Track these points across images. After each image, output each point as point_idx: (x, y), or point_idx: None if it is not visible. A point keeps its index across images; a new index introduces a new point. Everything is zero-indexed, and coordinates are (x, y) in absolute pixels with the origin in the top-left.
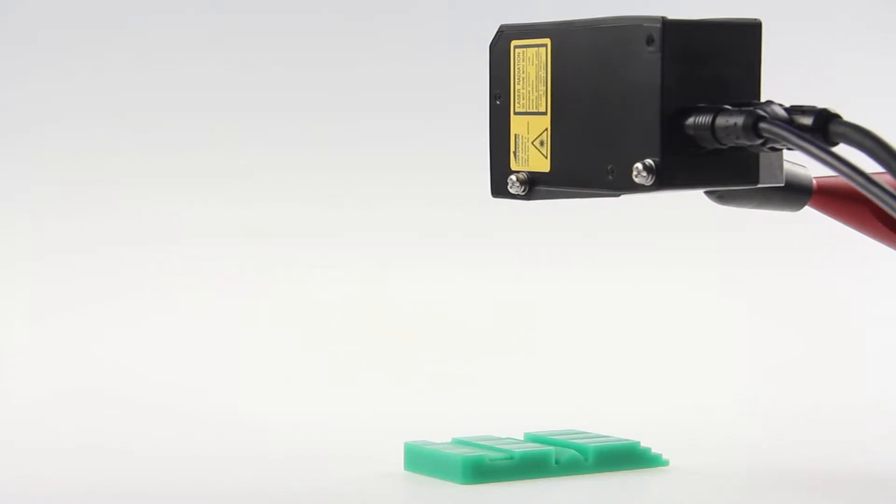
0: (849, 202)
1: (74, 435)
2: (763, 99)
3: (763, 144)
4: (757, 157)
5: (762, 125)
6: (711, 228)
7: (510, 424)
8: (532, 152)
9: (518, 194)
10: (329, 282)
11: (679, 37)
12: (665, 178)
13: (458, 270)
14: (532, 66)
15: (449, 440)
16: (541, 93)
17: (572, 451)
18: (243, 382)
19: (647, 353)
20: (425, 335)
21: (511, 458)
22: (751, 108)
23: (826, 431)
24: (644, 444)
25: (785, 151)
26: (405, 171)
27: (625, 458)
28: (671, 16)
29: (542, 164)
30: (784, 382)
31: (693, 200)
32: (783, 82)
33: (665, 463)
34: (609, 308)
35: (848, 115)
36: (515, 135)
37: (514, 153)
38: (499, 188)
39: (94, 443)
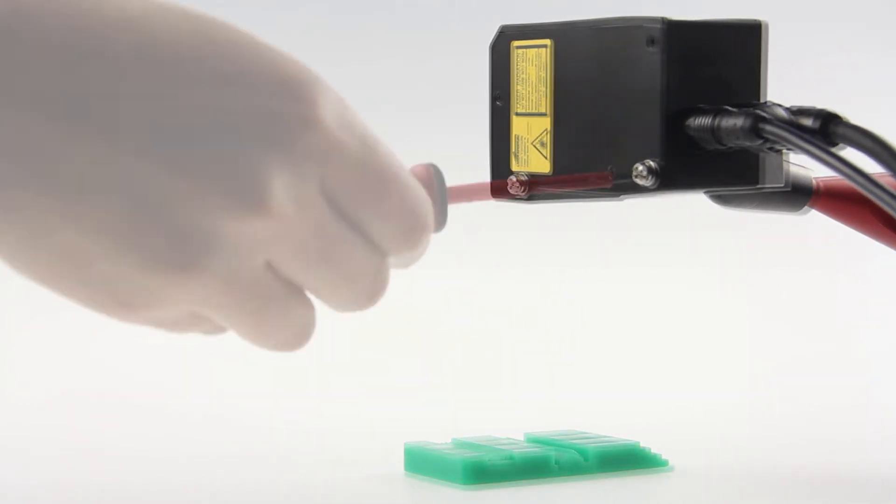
0: (850, 203)
1: (72, 437)
2: (764, 100)
3: (764, 145)
4: (758, 158)
5: (763, 126)
6: (711, 228)
7: (510, 425)
8: (533, 153)
9: (518, 196)
10: None
11: (680, 37)
12: (666, 180)
13: (458, 271)
14: (533, 67)
15: (449, 441)
16: (541, 94)
17: (573, 452)
18: (242, 383)
19: (647, 354)
20: (425, 336)
21: (511, 459)
22: (752, 110)
23: (826, 432)
24: (644, 444)
25: (786, 152)
26: None
27: (625, 459)
28: (672, 16)
29: (543, 166)
30: (784, 382)
31: (693, 201)
32: (784, 83)
33: (665, 464)
34: (609, 308)
35: (849, 116)
36: (516, 136)
37: (515, 154)
38: (499, 189)
39: (93, 444)
